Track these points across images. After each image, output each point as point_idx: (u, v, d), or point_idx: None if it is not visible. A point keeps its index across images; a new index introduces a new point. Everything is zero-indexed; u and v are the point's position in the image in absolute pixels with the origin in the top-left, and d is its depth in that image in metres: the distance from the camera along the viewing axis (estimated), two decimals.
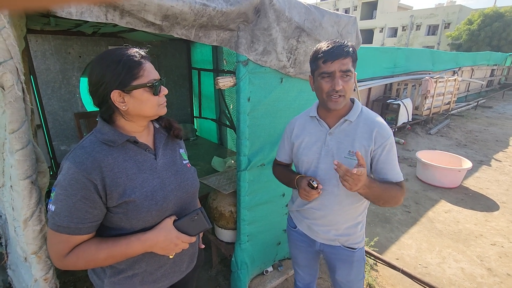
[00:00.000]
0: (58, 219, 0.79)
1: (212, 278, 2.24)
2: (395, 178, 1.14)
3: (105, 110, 0.86)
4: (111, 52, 0.83)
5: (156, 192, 0.89)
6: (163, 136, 1.01)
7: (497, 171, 4.80)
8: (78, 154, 0.81)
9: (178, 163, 1.02)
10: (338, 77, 1.05)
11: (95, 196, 0.80)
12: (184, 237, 0.91)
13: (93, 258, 0.82)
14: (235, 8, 1.31)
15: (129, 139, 0.88)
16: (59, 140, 3.28)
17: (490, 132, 7.18)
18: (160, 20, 1.17)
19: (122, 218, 0.86)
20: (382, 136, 1.12)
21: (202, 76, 3.96)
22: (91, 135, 0.87)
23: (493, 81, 14.20)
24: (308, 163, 1.26)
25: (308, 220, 1.33)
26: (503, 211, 3.53)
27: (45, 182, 1.19)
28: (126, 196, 0.84)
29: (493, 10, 20.16)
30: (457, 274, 2.45)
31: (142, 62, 0.84)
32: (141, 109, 0.86)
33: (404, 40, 28.66)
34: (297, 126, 1.32)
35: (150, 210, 0.87)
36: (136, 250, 0.86)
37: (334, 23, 1.75)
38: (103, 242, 0.84)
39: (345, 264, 1.33)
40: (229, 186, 2.01)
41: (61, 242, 0.81)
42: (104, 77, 0.81)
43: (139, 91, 0.84)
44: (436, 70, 8.49)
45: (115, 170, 0.84)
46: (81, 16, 1.04)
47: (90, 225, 0.82)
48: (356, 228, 1.28)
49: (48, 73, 3.05)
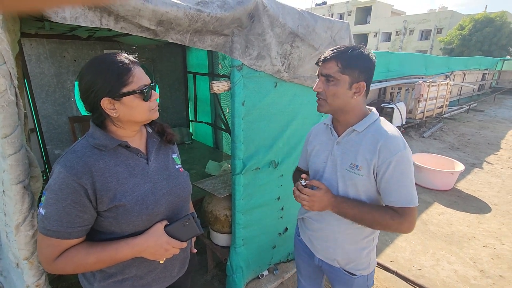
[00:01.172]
0: (48, 223, 0.78)
1: (207, 283, 2.23)
2: (400, 203, 1.00)
3: (97, 116, 0.87)
4: (100, 59, 0.83)
5: (147, 197, 0.89)
6: (155, 140, 1.01)
7: (489, 173, 4.87)
8: (69, 158, 0.81)
9: (171, 168, 1.01)
10: (320, 80, 1.07)
11: (85, 201, 0.80)
12: (175, 243, 0.90)
13: (82, 262, 0.82)
14: (229, 13, 1.33)
15: (121, 144, 0.88)
16: (53, 144, 3.25)
17: (482, 135, 7.30)
18: (154, 26, 1.18)
19: (112, 222, 0.86)
20: (388, 150, 0.99)
21: (198, 80, 3.97)
22: (83, 140, 0.87)
23: (485, 85, 14.46)
24: (315, 171, 1.22)
25: (309, 231, 1.29)
26: (495, 213, 3.58)
27: (38, 187, 1.18)
28: (117, 200, 0.84)
29: (484, 16, 20.59)
30: (450, 276, 2.47)
31: (131, 68, 0.84)
32: (132, 115, 0.86)
33: (398, 44, 29.07)
34: (313, 133, 1.31)
35: (141, 215, 0.87)
36: (125, 255, 0.85)
37: (327, 28, 1.78)
38: (93, 247, 0.84)
39: (344, 287, 1.24)
40: (224, 189, 2.01)
41: (51, 246, 0.80)
42: (94, 84, 0.81)
43: (130, 97, 0.84)
44: (429, 74, 8.62)
45: (106, 174, 0.84)
46: (75, 21, 1.04)
47: (80, 230, 0.82)
48: (359, 253, 1.16)
49: (43, 76, 3.03)
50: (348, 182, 1.09)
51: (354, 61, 1.01)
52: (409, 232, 1.04)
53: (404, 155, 1.00)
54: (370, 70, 1.04)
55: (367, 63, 1.03)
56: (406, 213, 1.00)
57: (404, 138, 1.06)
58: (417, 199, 1.02)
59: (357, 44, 1.13)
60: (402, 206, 1.00)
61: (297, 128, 1.93)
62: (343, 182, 1.11)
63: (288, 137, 1.90)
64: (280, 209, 2.07)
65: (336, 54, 1.02)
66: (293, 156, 1.96)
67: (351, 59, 1.01)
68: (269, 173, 1.89)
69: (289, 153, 1.96)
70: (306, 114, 1.95)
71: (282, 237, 2.17)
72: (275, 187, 1.97)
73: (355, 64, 1.01)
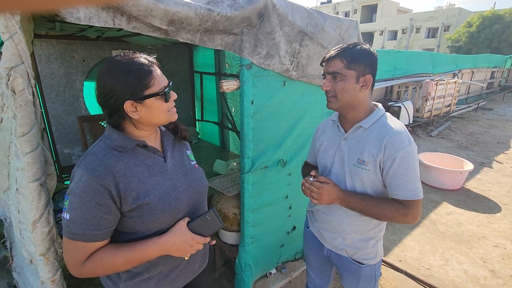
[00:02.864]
0: (74, 227, 0.79)
1: (216, 281, 2.25)
2: (406, 196, 1.04)
3: (116, 119, 0.86)
4: (119, 62, 0.81)
5: (168, 194, 0.91)
6: (170, 138, 1.02)
7: (499, 173, 4.80)
8: (89, 161, 0.81)
9: (187, 164, 1.03)
10: (327, 79, 1.11)
11: (110, 202, 0.81)
12: (199, 238, 0.92)
13: (110, 264, 0.83)
14: (239, 13, 1.34)
15: (139, 144, 0.88)
16: (62, 144, 3.30)
17: (491, 134, 7.19)
18: (166, 25, 1.20)
19: (137, 221, 0.87)
20: (393, 146, 1.03)
21: (204, 79, 3.98)
22: (100, 142, 0.87)
23: (493, 83, 14.23)
24: (323, 167, 1.26)
25: (318, 223, 1.34)
26: (505, 213, 3.53)
27: (52, 184, 1.20)
28: (140, 199, 0.85)
29: (492, 12, 20.25)
30: (460, 276, 2.44)
31: (152, 70, 0.84)
32: (152, 117, 0.87)
33: (404, 43, 28.77)
34: (321, 129, 1.34)
35: (165, 212, 0.88)
36: (152, 254, 0.86)
37: (336, 27, 1.78)
38: (119, 248, 0.85)
39: (352, 276, 1.27)
40: (232, 188, 2.02)
41: (78, 250, 0.81)
42: (116, 88, 0.80)
43: (151, 99, 0.84)
44: (437, 72, 8.52)
45: (128, 175, 0.84)
46: (89, 21, 1.06)
47: (105, 231, 0.83)
48: (366, 243, 1.20)
49: (52, 77, 3.08)
50: (355, 177, 1.13)
51: (358, 55, 1.05)
52: (414, 223, 1.08)
53: (409, 151, 1.03)
54: (374, 63, 1.09)
55: (371, 57, 1.07)
56: (411, 205, 1.05)
57: (409, 134, 1.08)
58: (421, 192, 1.06)
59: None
60: (407, 199, 1.05)
61: (306, 127, 1.93)
62: (351, 177, 1.14)
63: (296, 135, 1.91)
64: (288, 207, 2.07)
65: (339, 51, 1.06)
66: (302, 155, 1.96)
67: (355, 54, 1.05)
68: (278, 172, 1.90)
69: (297, 151, 1.96)
70: (314, 113, 1.95)
71: (290, 236, 2.17)
72: (284, 185, 1.98)
73: (359, 59, 1.05)
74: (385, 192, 1.14)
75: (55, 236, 1.15)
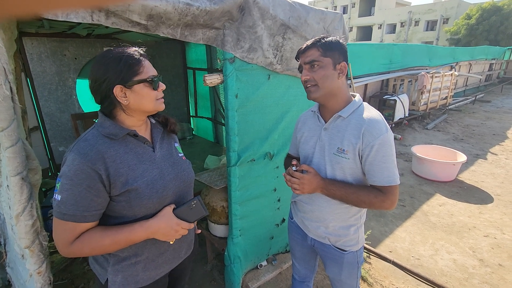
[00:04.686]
0: (64, 207, 0.83)
1: (207, 273, 2.29)
2: (384, 182, 1.08)
3: (107, 106, 0.92)
4: (112, 51, 0.89)
5: (156, 181, 0.95)
6: (159, 130, 1.08)
7: (493, 164, 4.82)
8: (82, 146, 0.86)
9: (175, 156, 1.09)
10: (305, 69, 1.13)
11: (100, 185, 0.85)
12: (184, 224, 0.97)
13: (98, 244, 0.87)
14: (219, 6, 1.35)
15: (129, 133, 0.93)
16: (56, 142, 3.32)
17: (487, 126, 7.19)
18: (145, 20, 1.21)
19: (125, 206, 0.91)
20: (371, 134, 1.07)
21: (197, 75, 3.99)
22: (92, 129, 0.92)
23: (492, 75, 14.18)
24: (305, 157, 1.29)
25: (300, 213, 1.37)
26: (497, 203, 3.56)
27: (37, 179, 1.23)
28: (129, 184, 0.89)
29: (491, 4, 20.09)
30: (449, 265, 2.48)
31: (142, 59, 0.91)
32: (141, 103, 0.92)
33: (403, 36, 28.60)
34: (301, 120, 1.37)
35: (152, 198, 0.93)
36: (139, 237, 0.91)
37: (320, 19, 1.78)
38: (107, 230, 0.89)
39: (335, 263, 1.31)
40: (220, 181, 2.05)
41: (67, 230, 0.85)
42: (107, 73, 0.86)
43: (140, 86, 0.90)
44: (433, 65, 8.49)
45: (118, 161, 0.89)
46: (67, 17, 1.07)
47: (94, 213, 0.87)
48: (347, 230, 1.24)
49: (45, 75, 3.09)
50: (335, 165, 1.16)
51: (332, 44, 1.10)
52: (392, 209, 1.12)
53: (386, 138, 1.07)
54: (346, 52, 1.14)
55: (342, 46, 1.13)
56: (388, 191, 1.09)
57: (386, 122, 1.12)
58: (398, 178, 1.10)
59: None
60: (385, 185, 1.09)
61: (292, 120, 1.95)
62: (331, 166, 1.17)
63: (283, 129, 1.93)
64: (277, 200, 2.10)
65: (313, 42, 1.11)
66: (288, 148, 1.98)
67: (329, 43, 1.10)
68: (265, 165, 1.92)
69: (284, 144, 1.98)
70: (300, 106, 1.96)
71: (279, 228, 2.20)
72: (271, 178, 2.00)
73: (334, 47, 1.10)
74: (364, 180, 1.18)
75: (39, 229, 1.17)
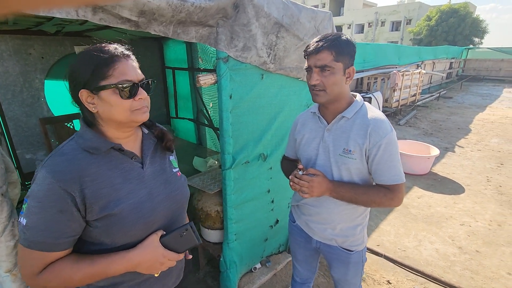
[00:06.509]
0: (31, 234, 0.70)
1: (200, 280, 2.20)
2: (391, 181, 1.09)
3: (85, 113, 0.80)
4: (90, 48, 0.76)
5: (142, 204, 0.82)
6: (152, 142, 0.93)
7: (461, 156, 5.16)
8: (57, 161, 0.73)
9: (168, 172, 0.94)
10: (315, 72, 1.07)
11: (73, 209, 0.72)
12: (171, 255, 0.83)
13: (69, 278, 0.74)
14: (214, 3, 1.28)
15: (114, 147, 0.80)
16: (23, 148, 3.04)
17: (452, 121, 7.71)
18: (136, 16, 1.12)
19: (103, 233, 0.78)
20: (377, 134, 1.07)
21: (177, 75, 3.85)
22: (71, 140, 0.79)
23: (452, 73, 15.26)
24: (307, 160, 1.26)
25: (305, 216, 1.33)
26: (468, 193, 3.81)
27: (16, 193, 1.10)
28: (109, 209, 0.76)
29: (449, 7, 21.60)
30: (432, 254, 2.61)
31: (115, 60, 0.75)
32: (111, 113, 0.76)
33: (371, 36, 29.87)
34: (300, 122, 1.33)
35: (136, 224, 0.80)
36: (117, 270, 0.78)
37: (311, 18, 1.77)
38: (81, 261, 0.76)
39: (342, 264, 1.31)
40: (214, 185, 1.97)
41: (34, 259, 0.72)
42: (74, 74, 0.75)
43: (107, 92, 0.74)
44: (402, 64, 8.95)
45: (99, 180, 0.76)
46: (49, 12, 0.96)
47: (67, 241, 0.74)
48: (354, 230, 1.24)
49: (7, 76, 2.80)
50: (342, 166, 1.14)
51: (345, 47, 1.05)
52: (399, 205, 1.14)
53: (392, 137, 1.09)
54: (355, 54, 1.10)
55: (354, 48, 1.08)
56: (396, 189, 1.10)
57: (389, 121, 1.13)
58: (404, 175, 1.12)
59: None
60: (393, 184, 1.10)
61: (285, 120, 1.93)
62: (337, 167, 1.15)
63: (276, 129, 1.90)
64: (271, 201, 2.07)
65: (328, 43, 1.04)
66: (282, 148, 1.96)
67: (342, 45, 1.05)
68: (259, 166, 1.88)
69: (277, 145, 1.95)
70: (292, 105, 1.95)
71: (273, 229, 2.18)
72: (265, 180, 1.97)
73: (346, 51, 1.05)
74: (370, 179, 1.18)
75: None
